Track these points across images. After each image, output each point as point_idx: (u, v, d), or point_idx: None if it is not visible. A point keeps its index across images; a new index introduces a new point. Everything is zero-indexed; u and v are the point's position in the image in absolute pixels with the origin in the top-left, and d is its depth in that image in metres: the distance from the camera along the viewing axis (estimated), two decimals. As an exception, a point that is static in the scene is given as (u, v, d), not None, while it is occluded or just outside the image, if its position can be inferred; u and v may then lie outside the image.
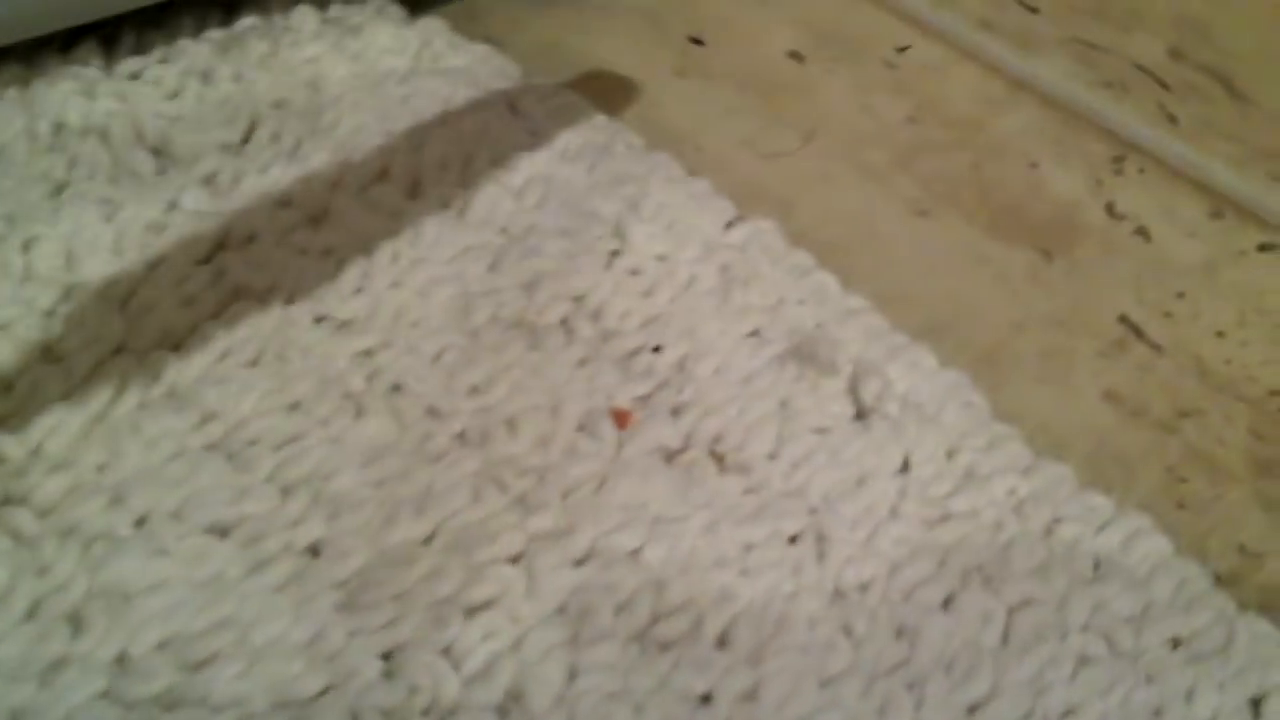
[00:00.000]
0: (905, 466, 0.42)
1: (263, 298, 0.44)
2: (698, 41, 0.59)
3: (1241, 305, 0.50)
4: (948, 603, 0.39)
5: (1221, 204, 0.54)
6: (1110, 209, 0.53)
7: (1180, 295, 0.50)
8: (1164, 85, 0.59)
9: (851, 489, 0.41)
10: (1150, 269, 0.51)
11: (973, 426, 0.43)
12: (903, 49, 0.60)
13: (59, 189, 0.46)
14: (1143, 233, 0.52)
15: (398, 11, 0.56)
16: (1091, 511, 0.42)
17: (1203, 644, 0.39)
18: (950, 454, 0.42)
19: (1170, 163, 0.55)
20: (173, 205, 0.46)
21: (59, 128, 0.48)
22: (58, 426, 0.39)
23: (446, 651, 0.36)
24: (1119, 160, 0.55)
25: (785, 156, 0.54)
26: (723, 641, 0.37)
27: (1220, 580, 0.41)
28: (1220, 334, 0.49)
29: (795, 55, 0.59)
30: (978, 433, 0.43)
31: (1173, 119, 0.57)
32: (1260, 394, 0.47)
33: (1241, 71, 0.60)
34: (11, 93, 0.49)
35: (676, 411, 0.43)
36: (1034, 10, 0.63)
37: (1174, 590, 0.40)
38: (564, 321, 0.45)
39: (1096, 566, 0.41)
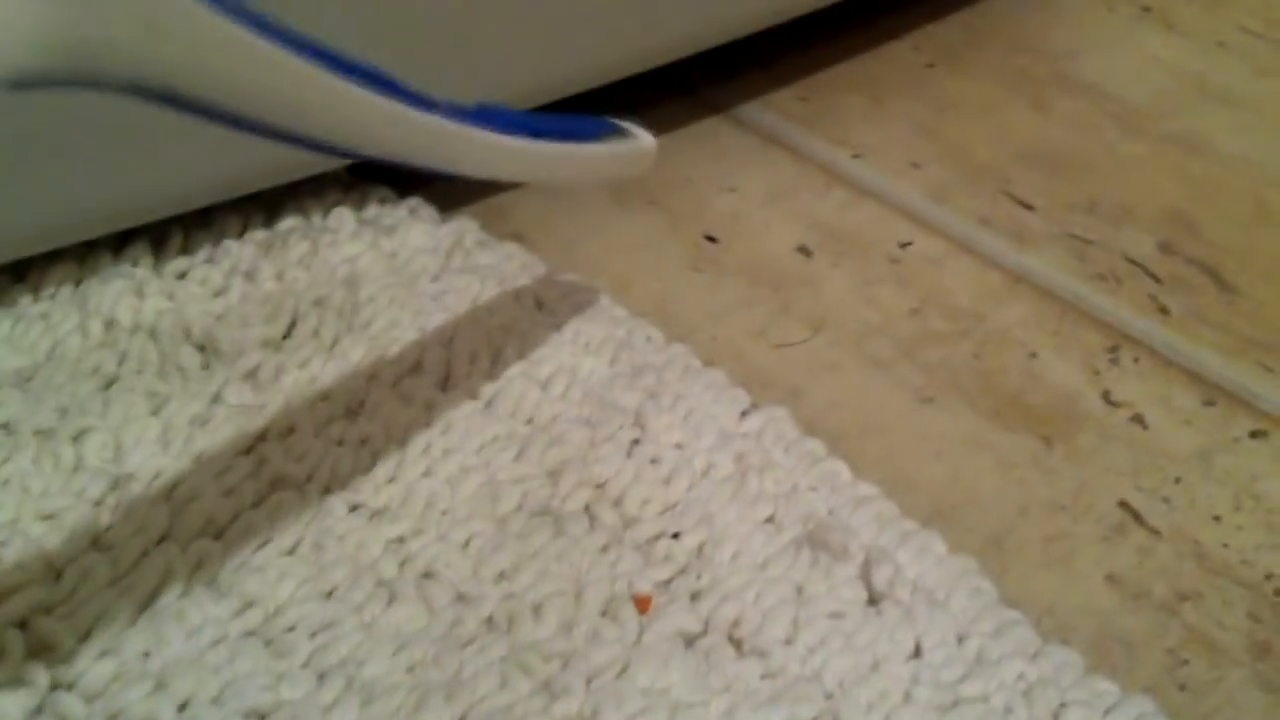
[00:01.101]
0: (917, 651, 0.43)
1: (301, 487, 0.46)
2: (711, 239, 0.62)
3: (1236, 491, 0.52)
4: (961, 787, 0.40)
5: (1213, 392, 0.56)
6: (1107, 397, 0.55)
7: (1177, 481, 0.52)
8: (1155, 278, 0.62)
9: (866, 674, 0.42)
10: (1147, 456, 0.53)
11: (981, 612, 0.45)
12: (905, 245, 0.63)
13: (109, 383, 0.49)
14: (1139, 420, 0.54)
15: (430, 213, 0.59)
16: (1098, 696, 0.43)
17: (1211, 828, 0.40)
18: (960, 639, 0.44)
19: (1163, 353, 0.58)
20: (217, 399, 0.49)
21: (110, 325, 0.51)
22: (105, 614, 0.41)
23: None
24: (1114, 350, 0.58)
25: (795, 347, 0.57)
26: (743, 826, 0.39)
27: (1225, 764, 0.42)
28: (1217, 518, 0.50)
29: (803, 251, 0.62)
30: (986, 618, 0.45)
31: (1164, 310, 0.60)
32: (1256, 578, 0.48)
33: (1228, 264, 0.64)
34: (65, 292, 0.53)
35: (696, 596, 0.44)
36: (1029, 208, 0.66)
37: (1180, 775, 0.41)
38: (587, 508, 0.47)
39: (1104, 751, 0.42)
